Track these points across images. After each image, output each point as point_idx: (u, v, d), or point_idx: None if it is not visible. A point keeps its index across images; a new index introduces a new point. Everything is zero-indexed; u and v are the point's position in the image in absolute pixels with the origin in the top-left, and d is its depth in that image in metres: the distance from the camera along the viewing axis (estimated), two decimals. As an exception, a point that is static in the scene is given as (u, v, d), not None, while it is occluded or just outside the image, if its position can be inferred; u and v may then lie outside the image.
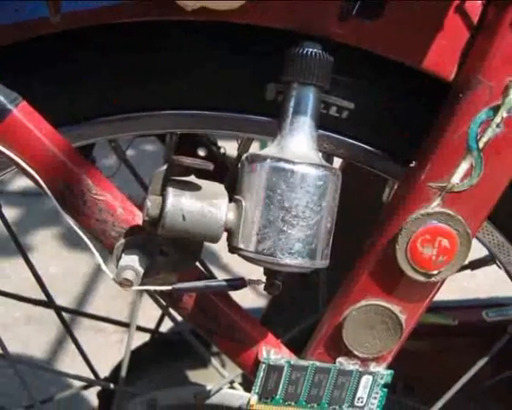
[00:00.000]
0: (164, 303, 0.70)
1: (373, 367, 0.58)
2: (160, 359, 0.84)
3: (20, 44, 0.50)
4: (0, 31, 0.50)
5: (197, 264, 0.57)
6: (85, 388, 0.86)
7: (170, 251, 0.52)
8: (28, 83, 0.52)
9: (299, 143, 0.50)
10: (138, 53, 0.53)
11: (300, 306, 0.80)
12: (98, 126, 0.56)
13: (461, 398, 0.69)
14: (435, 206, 0.52)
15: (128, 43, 0.53)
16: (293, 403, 0.58)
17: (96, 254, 0.51)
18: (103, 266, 0.51)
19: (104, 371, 0.85)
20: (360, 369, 0.58)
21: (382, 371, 0.58)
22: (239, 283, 0.53)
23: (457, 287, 1.56)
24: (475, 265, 0.72)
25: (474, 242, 0.55)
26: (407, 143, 0.55)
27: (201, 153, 0.77)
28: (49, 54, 0.53)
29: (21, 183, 2.06)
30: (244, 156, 0.51)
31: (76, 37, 0.51)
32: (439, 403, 0.70)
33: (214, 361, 0.76)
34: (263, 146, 0.54)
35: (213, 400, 0.72)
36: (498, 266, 0.63)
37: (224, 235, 0.51)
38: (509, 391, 0.78)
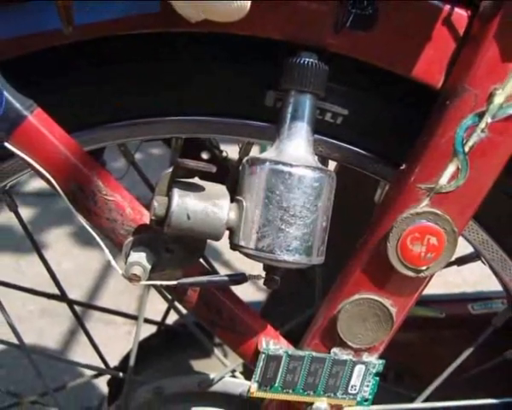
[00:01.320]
0: (170, 297, 0.70)
1: (365, 357, 0.58)
2: (166, 349, 0.84)
3: (34, 54, 0.50)
4: (15, 42, 0.50)
5: (201, 260, 0.57)
6: (96, 376, 0.86)
7: (175, 248, 0.52)
8: (42, 90, 0.52)
9: (296, 147, 0.50)
10: (145, 62, 0.53)
11: (298, 299, 0.80)
12: (108, 131, 0.56)
13: (448, 386, 0.69)
14: (424, 206, 0.52)
15: (136, 52, 0.53)
16: (290, 391, 0.58)
17: (106, 251, 0.51)
18: (113, 263, 0.51)
19: (114, 361, 0.85)
20: (353, 359, 0.58)
21: (374, 361, 0.58)
22: (240, 278, 0.53)
23: (445, 282, 1.57)
24: (461, 261, 0.72)
25: (460, 239, 0.55)
26: (397, 147, 0.55)
27: (205, 156, 0.77)
28: (62, 63, 0.53)
29: (36, 184, 2.06)
30: (245, 159, 0.51)
31: (86, 47, 0.51)
32: (428, 391, 0.70)
33: (217, 351, 0.76)
34: (262, 150, 0.54)
35: (216, 388, 0.72)
36: (483, 263, 0.63)
37: (226, 233, 0.51)
38: (492, 380, 0.78)
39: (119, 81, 0.54)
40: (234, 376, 0.73)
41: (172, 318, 0.90)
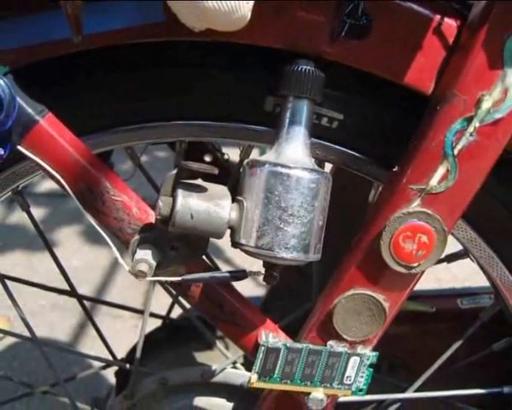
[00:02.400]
0: (174, 292, 0.70)
1: (360, 349, 0.58)
2: (171, 342, 0.84)
3: (45, 62, 0.50)
4: (27, 50, 0.50)
5: (203, 257, 0.57)
6: (104, 368, 0.86)
7: (179, 246, 0.52)
8: (54, 96, 0.52)
9: (294, 150, 0.50)
10: (152, 70, 0.53)
11: (295, 294, 0.80)
12: (116, 135, 0.56)
13: (438, 376, 0.69)
14: (415, 206, 0.52)
15: (142, 60, 0.53)
16: (288, 381, 0.58)
17: (114, 249, 0.51)
18: (120, 260, 0.51)
19: (121, 353, 0.85)
20: (348, 351, 0.58)
21: (368, 353, 0.58)
22: (241, 274, 0.53)
23: (435, 278, 1.56)
24: (451, 258, 0.72)
25: (450, 237, 0.55)
26: (390, 150, 0.55)
27: (207, 159, 0.77)
28: (73, 71, 0.53)
29: (47, 185, 2.05)
30: (245, 162, 0.51)
31: (96, 55, 0.51)
32: (419, 381, 0.70)
33: (219, 344, 0.75)
34: (262, 152, 0.54)
35: (218, 378, 0.72)
36: (471, 260, 0.63)
37: (228, 231, 0.51)
38: (480, 370, 0.77)
39: (127, 88, 0.54)
40: (235, 367, 0.73)
41: (177, 312, 0.89)
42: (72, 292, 0.77)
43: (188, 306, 0.66)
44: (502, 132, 0.49)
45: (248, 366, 0.70)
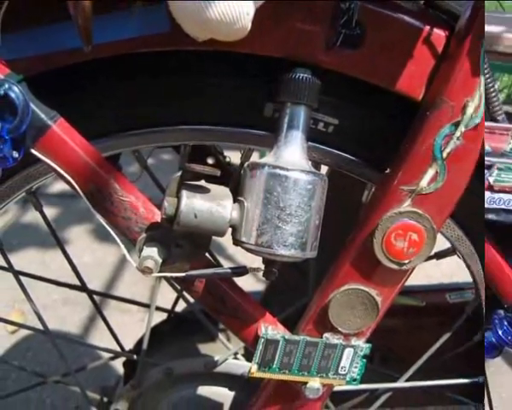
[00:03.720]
0: (179, 287, 0.70)
1: (354, 341, 0.58)
2: (176, 334, 0.84)
3: (58, 70, 0.50)
4: (40, 59, 0.50)
5: (206, 254, 0.57)
6: (113, 358, 0.86)
7: (184, 244, 0.52)
8: (64, 102, 0.52)
9: (292, 153, 0.50)
10: (158, 77, 0.53)
11: (293, 290, 0.80)
12: (124, 139, 0.56)
13: (428, 367, 0.69)
14: (406, 206, 0.52)
15: (149, 68, 0.53)
16: (287, 371, 0.58)
17: (122, 247, 0.51)
18: (128, 257, 0.51)
19: (129, 345, 0.85)
20: (343, 343, 0.58)
21: (362, 345, 0.58)
22: (242, 270, 0.53)
23: (425, 274, 1.56)
24: (439, 255, 0.72)
25: (438, 236, 0.55)
26: (383, 153, 0.55)
27: (210, 161, 0.77)
28: (82, 78, 0.53)
29: (59, 186, 2.06)
30: (246, 164, 0.51)
31: (104, 64, 0.51)
32: (409, 372, 0.70)
33: (221, 336, 0.75)
34: (262, 155, 0.54)
35: (220, 369, 0.72)
36: (458, 257, 0.63)
37: (229, 230, 0.51)
38: (466, 362, 0.77)
39: (134, 94, 0.54)
40: (236, 358, 0.73)
41: (181, 306, 0.89)
42: (82, 287, 0.77)
43: (192, 300, 0.66)
44: (480, 136, 0.50)
45: (249, 356, 0.70)
